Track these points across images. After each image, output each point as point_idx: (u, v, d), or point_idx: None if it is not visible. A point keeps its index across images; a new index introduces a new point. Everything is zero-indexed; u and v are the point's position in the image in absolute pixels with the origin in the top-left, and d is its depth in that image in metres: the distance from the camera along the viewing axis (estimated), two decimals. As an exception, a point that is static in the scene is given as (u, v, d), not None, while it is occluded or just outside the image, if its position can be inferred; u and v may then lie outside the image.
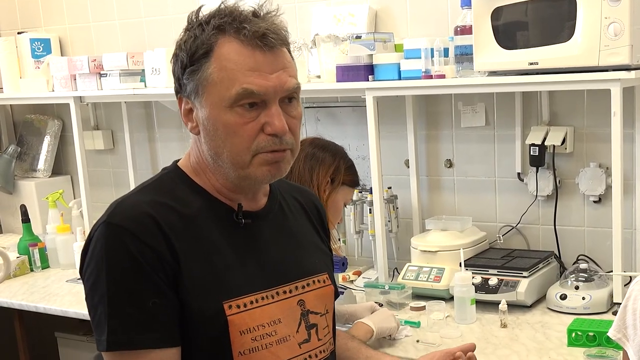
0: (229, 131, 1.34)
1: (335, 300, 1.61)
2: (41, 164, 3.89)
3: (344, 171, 2.22)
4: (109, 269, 1.30)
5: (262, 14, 1.37)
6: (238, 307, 1.35)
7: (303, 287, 1.47)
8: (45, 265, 3.36)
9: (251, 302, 1.37)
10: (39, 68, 3.59)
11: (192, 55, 1.35)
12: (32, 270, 3.33)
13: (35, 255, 3.33)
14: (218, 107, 1.34)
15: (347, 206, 2.35)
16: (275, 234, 1.47)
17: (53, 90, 3.43)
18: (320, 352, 1.48)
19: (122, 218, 1.32)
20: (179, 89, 1.40)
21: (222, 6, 1.38)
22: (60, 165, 3.98)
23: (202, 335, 1.34)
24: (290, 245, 1.50)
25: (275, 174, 1.39)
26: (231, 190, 1.42)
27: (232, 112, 1.33)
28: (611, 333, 1.54)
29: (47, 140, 3.90)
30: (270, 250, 1.45)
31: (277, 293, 1.42)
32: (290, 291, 1.44)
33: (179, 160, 1.48)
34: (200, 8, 1.40)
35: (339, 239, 3.02)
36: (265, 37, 1.33)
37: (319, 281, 1.51)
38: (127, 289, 1.29)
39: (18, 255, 3.32)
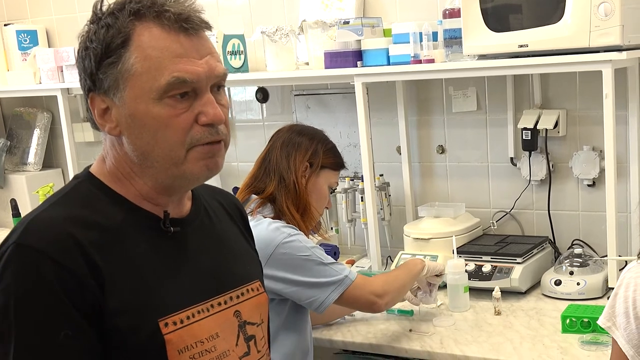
0: (160, 125, 1.21)
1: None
2: (31, 158, 3.86)
3: (322, 154, 2.17)
4: (17, 297, 1.15)
5: None
6: (175, 323, 1.24)
7: (237, 297, 1.37)
8: (36, 259, 3.32)
9: (187, 318, 1.26)
10: (26, 60, 3.55)
11: (108, 46, 1.21)
12: (23, 264, 3.30)
13: (26, 250, 3.30)
14: (145, 100, 1.21)
15: (334, 191, 2.31)
16: (204, 241, 1.37)
17: (40, 83, 3.39)
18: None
19: (36, 239, 1.17)
20: (93, 86, 1.24)
21: None
22: (51, 158, 3.95)
23: (138, 358, 1.22)
24: (221, 252, 1.40)
25: (212, 169, 1.28)
26: (160, 193, 1.30)
27: (162, 104, 1.21)
28: (601, 321, 1.51)
29: (36, 133, 3.87)
30: (201, 259, 1.34)
31: (212, 305, 1.31)
32: (225, 302, 1.34)
33: (90, 166, 1.33)
34: None
35: (332, 228, 3.00)
36: (190, 19, 1.23)
37: (252, 289, 1.41)
38: (37, 320, 1.14)
39: (9, 250, 3.29)
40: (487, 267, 2.43)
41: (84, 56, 1.25)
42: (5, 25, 3.67)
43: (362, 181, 2.74)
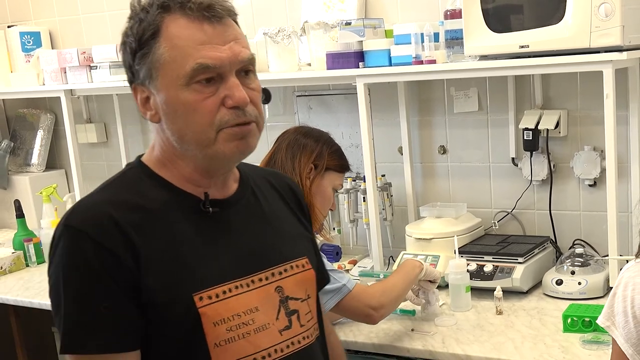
0: (189, 110, 1.29)
1: (322, 285, 1.59)
2: (35, 159, 3.88)
3: (327, 156, 2.19)
4: (65, 272, 1.27)
5: None
6: (209, 298, 1.31)
7: (280, 273, 1.42)
8: (40, 260, 3.34)
9: (224, 292, 1.33)
10: (29, 62, 3.57)
11: (140, 39, 1.31)
12: (27, 265, 3.32)
13: (30, 251, 3.32)
14: (174, 87, 1.29)
15: (337, 192, 2.32)
16: (248, 220, 1.43)
17: (44, 84, 3.41)
18: (304, 338, 1.43)
19: (79, 220, 1.29)
20: (132, 78, 1.35)
21: None
22: (54, 160, 3.96)
23: (176, 331, 1.30)
24: (265, 231, 1.45)
25: (244, 150, 1.35)
26: (201, 175, 1.37)
27: (189, 89, 1.29)
28: (600, 320, 1.52)
29: (40, 134, 3.88)
30: (243, 237, 1.41)
31: (253, 281, 1.37)
32: (267, 278, 1.40)
33: (142, 155, 1.43)
34: None
35: (334, 228, 3.01)
36: (212, 7, 1.30)
37: (297, 266, 1.46)
38: (81, 293, 1.26)
39: (13, 251, 3.31)
40: (488, 267, 2.43)
41: (123, 50, 1.34)
42: (8, 27, 3.69)
43: (364, 182, 2.75)
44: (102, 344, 1.26)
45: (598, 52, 2.15)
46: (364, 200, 2.80)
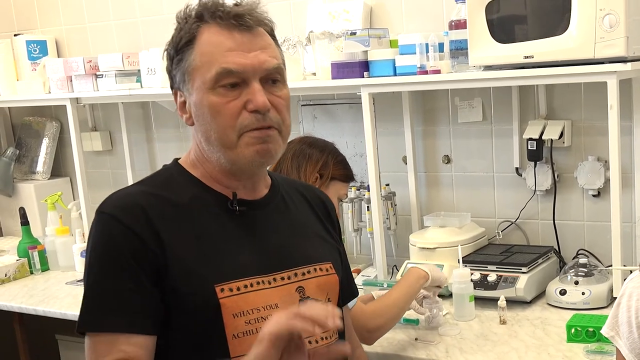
0: (213, 112, 1.37)
1: (348, 299, 1.63)
2: (40, 166, 3.89)
3: (332, 166, 2.20)
4: (95, 254, 1.35)
5: (242, 2, 1.41)
6: (230, 290, 1.35)
7: (303, 274, 1.46)
8: (45, 267, 3.35)
9: (245, 287, 1.37)
10: (35, 70, 3.58)
11: (177, 46, 1.40)
12: (32, 272, 3.32)
13: (34, 258, 3.32)
14: (202, 90, 1.37)
15: (342, 202, 2.33)
16: (275, 222, 1.48)
17: (50, 92, 3.42)
18: (322, 338, 1.46)
19: (111, 207, 1.37)
20: (172, 83, 1.44)
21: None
22: (59, 167, 3.97)
23: (195, 319, 1.34)
24: (292, 234, 1.50)
25: (264, 155, 1.40)
26: (229, 178, 1.44)
27: (215, 93, 1.36)
28: (604, 330, 1.52)
29: (45, 142, 3.90)
30: (268, 237, 1.45)
31: (275, 279, 1.42)
32: (289, 277, 1.44)
33: (179, 158, 1.52)
34: (186, 7, 1.44)
35: (338, 237, 3.01)
36: (241, 17, 1.37)
37: (321, 269, 1.50)
38: (106, 273, 1.33)
39: (18, 258, 3.32)
40: (492, 277, 2.44)
41: (165, 57, 1.44)
42: (15, 35, 3.71)
43: (368, 191, 2.75)
44: (124, 323, 1.31)
45: (602, 62, 2.16)
46: (368, 210, 2.80)
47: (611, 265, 2.33)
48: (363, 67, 2.59)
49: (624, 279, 2.28)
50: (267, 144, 1.39)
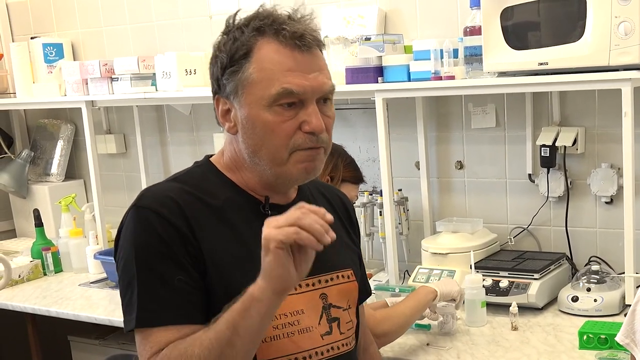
0: (268, 129, 1.38)
1: (363, 298, 1.65)
2: (54, 168, 3.91)
3: (342, 168, 2.22)
4: (137, 250, 1.35)
5: (297, 17, 1.41)
6: None
7: (327, 281, 1.49)
8: (58, 269, 3.37)
9: None
10: (51, 73, 3.61)
11: (232, 56, 1.39)
12: (45, 274, 3.35)
13: (48, 259, 3.35)
14: (257, 106, 1.38)
15: (353, 203, 2.34)
16: None
17: (65, 95, 3.44)
18: (343, 345, 1.50)
19: (149, 201, 1.39)
20: (218, 89, 1.44)
21: (260, 9, 1.42)
22: (74, 170, 4.00)
23: None
24: None
25: (310, 172, 1.43)
26: (263, 188, 1.46)
27: (271, 110, 1.37)
28: (619, 338, 1.52)
29: (60, 144, 3.93)
30: None
31: (300, 285, 1.44)
32: (313, 284, 1.47)
33: (211, 155, 1.52)
34: (237, 12, 1.44)
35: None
36: (303, 37, 1.37)
37: (342, 276, 1.53)
38: (155, 267, 1.34)
39: (31, 260, 3.34)
40: (504, 283, 2.44)
41: (214, 63, 1.43)
42: (32, 38, 3.73)
43: (381, 196, 2.76)
44: (182, 315, 1.32)
45: (617, 70, 2.16)
46: (380, 215, 2.81)
47: (623, 273, 2.33)
48: (377, 72, 2.60)
49: (637, 286, 2.29)
50: (314, 162, 1.42)
